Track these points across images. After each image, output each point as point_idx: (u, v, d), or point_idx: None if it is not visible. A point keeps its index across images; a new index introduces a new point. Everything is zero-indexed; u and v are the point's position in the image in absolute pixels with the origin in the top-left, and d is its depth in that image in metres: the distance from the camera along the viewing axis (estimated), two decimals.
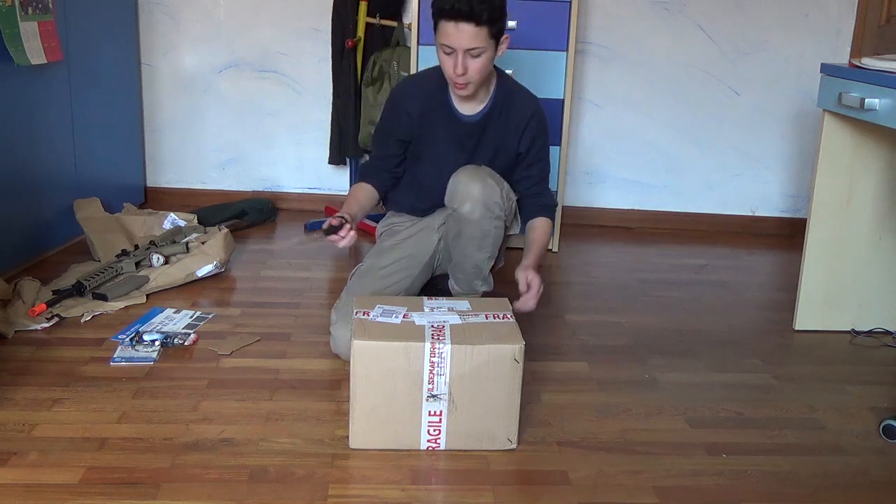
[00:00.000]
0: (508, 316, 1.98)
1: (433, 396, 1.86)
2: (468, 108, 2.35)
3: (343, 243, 2.14)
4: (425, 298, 2.09)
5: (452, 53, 2.18)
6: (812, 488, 1.83)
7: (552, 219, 2.47)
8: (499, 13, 2.16)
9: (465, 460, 1.87)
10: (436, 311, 1.99)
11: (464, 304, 2.04)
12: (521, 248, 2.40)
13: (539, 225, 2.43)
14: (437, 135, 2.38)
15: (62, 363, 2.26)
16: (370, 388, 1.85)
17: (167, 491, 1.71)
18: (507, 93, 2.37)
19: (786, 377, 2.38)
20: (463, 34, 2.14)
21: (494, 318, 1.96)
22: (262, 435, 1.94)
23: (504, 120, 2.36)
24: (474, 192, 2.23)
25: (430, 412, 1.87)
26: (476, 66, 2.19)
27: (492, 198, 2.25)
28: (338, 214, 2.17)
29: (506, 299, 2.10)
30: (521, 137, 2.37)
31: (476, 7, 2.11)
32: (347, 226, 2.14)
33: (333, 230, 2.12)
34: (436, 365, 1.83)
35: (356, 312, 1.96)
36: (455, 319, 1.95)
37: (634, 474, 1.85)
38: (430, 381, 1.85)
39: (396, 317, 1.96)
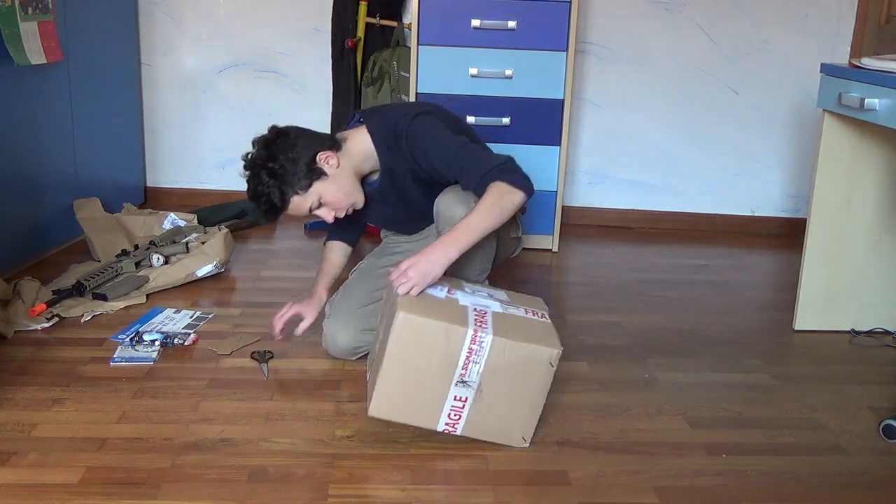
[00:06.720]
0: (545, 316, 1.99)
1: (463, 382, 1.85)
2: (374, 176, 2.25)
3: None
4: (462, 281, 2.10)
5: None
6: (812, 488, 1.83)
7: (507, 180, 1.99)
8: (285, 185, 2.07)
9: (465, 460, 1.87)
10: (476, 295, 2.00)
11: (501, 294, 2.06)
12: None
13: (484, 193, 2.00)
14: (371, 207, 2.28)
15: (62, 363, 2.26)
16: (403, 361, 1.84)
17: (167, 491, 1.71)
18: (384, 138, 2.18)
19: (786, 377, 2.38)
20: (291, 215, 2.14)
21: (533, 314, 1.98)
22: (262, 435, 1.94)
23: (400, 160, 2.18)
24: (457, 215, 2.09)
25: (455, 397, 1.86)
26: (332, 204, 2.13)
27: None
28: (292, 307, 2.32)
29: (541, 300, 2.11)
30: (417, 162, 2.16)
31: (262, 210, 2.10)
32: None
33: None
34: (473, 353, 1.82)
35: None
36: (496, 307, 1.95)
37: (634, 474, 1.85)
38: (465, 368, 1.84)
39: (441, 290, 1.96)
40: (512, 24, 3.20)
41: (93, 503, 1.66)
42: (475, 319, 1.86)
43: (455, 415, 1.88)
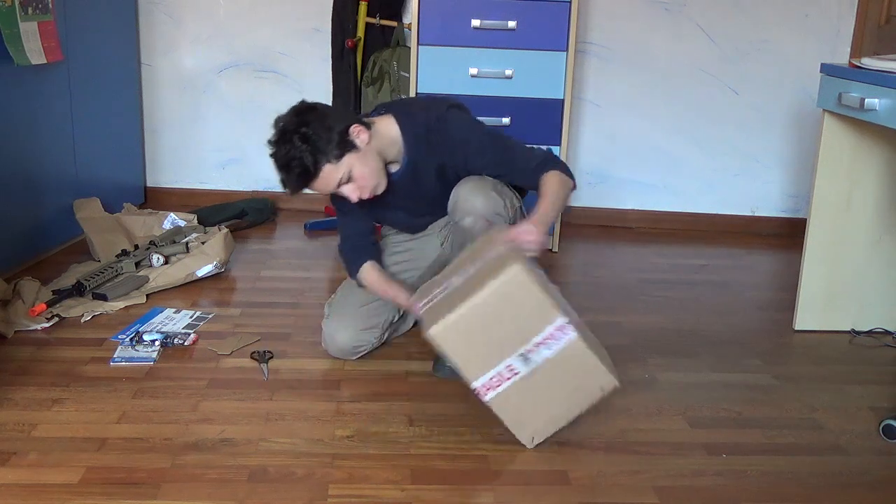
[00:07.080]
0: (603, 348, 2.06)
1: (525, 358, 1.84)
2: (394, 167, 2.23)
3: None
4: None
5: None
6: (811, 488, 1.83)
7: (561, 169, 2.18)
8: (318, 152, 2.01)
9: (465, 460, 1.87)
10: (561, 299, 2.02)
11: (574, 311, 2.08)
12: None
13: (546, 180, 2.14)
14: (386, 199, 2.25)
15: (62, 363, 2.26)
16: (490, 308, 1.82)
17: (167, 491, 1.71)
18: (413, 130, 2.18)
19: (786, 377, 2.38)
20: (318, 187, 2.07)
21: (597, 343, 2.03)
22: (262, 435, 1.94)
23: (429, 153, 2.18)
24: (476, 205, 2.12)
25: (509, 366, 1.85)
26: (359, 181, 2.08)
27: (494, 209, 2.15)
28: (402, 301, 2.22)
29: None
30: (451, 155, 2.17)
31: (292, 177, 2.02)
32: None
33: None
34: (552, 338, 1.83)
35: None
36: (575, 316, 1.97)
37: (634, 474, 1.85)
38: (535, 346, 1.84)
39: (539, 271, 1.97)
40: (512, 24, 3.20)
41: (93, 503, 1.66)
42: (566, 313, 1.89)
43: (497, 381, 1.86)
